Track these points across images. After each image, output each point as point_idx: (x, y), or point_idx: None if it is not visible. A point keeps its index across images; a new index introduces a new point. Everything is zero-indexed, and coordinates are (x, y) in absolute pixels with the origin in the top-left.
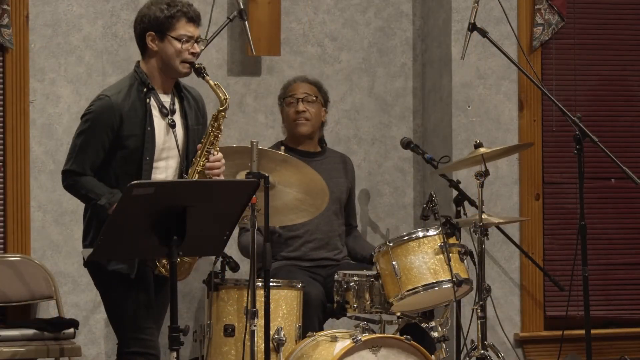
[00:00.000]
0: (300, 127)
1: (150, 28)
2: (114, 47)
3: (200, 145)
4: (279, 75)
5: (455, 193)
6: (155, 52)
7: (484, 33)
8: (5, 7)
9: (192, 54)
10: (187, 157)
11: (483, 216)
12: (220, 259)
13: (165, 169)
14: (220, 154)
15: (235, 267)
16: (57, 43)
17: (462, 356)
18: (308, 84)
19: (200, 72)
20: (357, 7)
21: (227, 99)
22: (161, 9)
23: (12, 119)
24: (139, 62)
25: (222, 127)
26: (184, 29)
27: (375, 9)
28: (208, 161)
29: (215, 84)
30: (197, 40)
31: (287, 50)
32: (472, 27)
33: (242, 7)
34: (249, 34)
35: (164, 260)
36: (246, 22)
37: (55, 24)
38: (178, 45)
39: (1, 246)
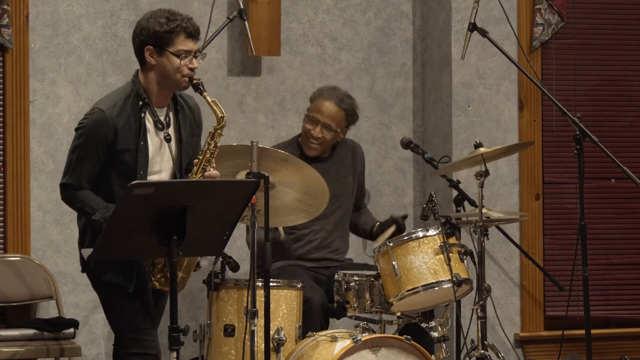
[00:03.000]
0: (309, 150)
1: (149, 42)
2: (114, 47)
3: (197, 161)
4: (279, 75)
5: (455, 193)
6: (153, 65)
7: (484, 33)
8: (5, 7)
9: (191, 69)
10: (181, 170)
11: (484, 211)
12: (220, 259)
13: None
14: (215, 172)
15: (235, 267)
16: (57, 43)
17: (462, 356)
18: (338, 109)
19: (198, 87)
20: (357, 7)
21: (224, 117)
22: (160, 22)
23: (12, 119)
24: (137, 71)
25: (218, 145)
26: (183, 44)
27: (375, 9)
28: (203, 177)
29: (212, 101)
30: (195, 55)
31: (287, 50)
32: (472, 27)
33: (242, 7)
34: (249, 34)
35: (158, 275)
36: (246, 22)
37: (55, 24)
38: (176, 61)
39: (1, 246)
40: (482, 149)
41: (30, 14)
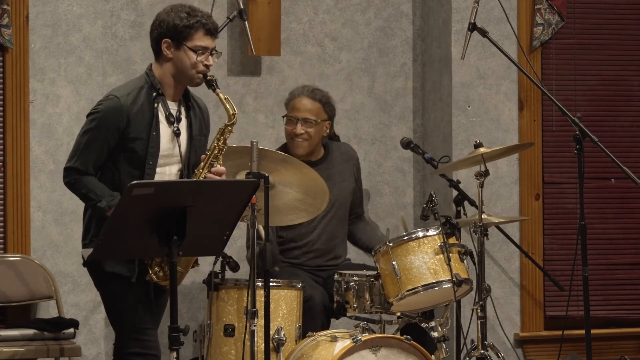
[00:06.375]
0: (297, 148)
1: (167, 35)
2: (114, 47)
3: (204, 156)
4: (279, 75)
5: (455, 193)
6: (169, 58)
7: (484, 33)
8: (5, 7)
9: (206, 66)
10: (189, 166)
11: (483, 216)
12: (220, 259)
13: (168, 175)
14: (222, 168)
15: (235, 267)
16: (57, 43)
17: (462, 356)
18: (312, 101)
19: (211, 84)
20: (357, 7)
21: (235, 114)
22: (180, 17)
23: (12, 119)
24: (151, 65)
25: (227, 142)
26: (201, 40)
27: (375, 9)
28: (210, 172)
29: (225, 98)
30: (212, 52)
31: (287, 50)
32: (472, 27)
33: (242, 7)
34: (249, 34)
35: (156, 268)
36: (246, 22)
37: (55, 24)
38: (193, 56)
39: (1, 246)
40: (482, 149)
41: (30, 14)
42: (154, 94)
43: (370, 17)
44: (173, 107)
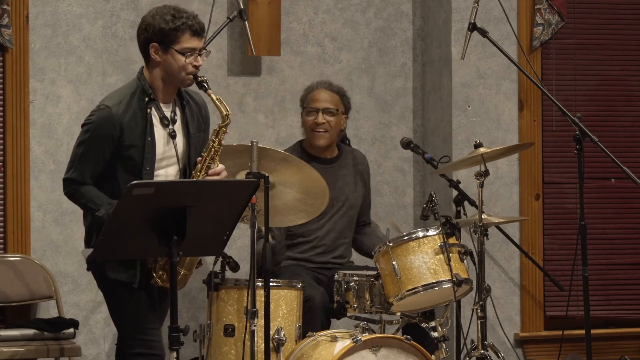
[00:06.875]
0: (318, 139)
1: (154, 39)
2: (114, 47)
3: (201, 159)
4: (279, 75)
5: (455, 193)
6: (158, 62)
7: (484, 33)
8: (5, 7)
9: (195, 66)
10: (189, 164)
11: (483, 216)
12: (220, 259)
13: (164, 177)
14: (220, 166)
15: (235, 267)
16: (57, 43)
17: (462, 356)
18: (330, 93)
19: (202, 85)
20: (357, 7)
21: (228, 114)
22: (166, 20)
23: (12, 119)
24: (142, 68)
25: (222, 143)
26: (188, 42)
27: (375, 9)
28: (207, 175)
29: (217, 99)
30: (200, 52)
31: (287, 50)
32: (472, 27)
33: (242, 7)
34: (249, 34)
35: (160, 272)
36: (246, 22)
37: (55, 24)
38: (182, 59)
39: (1, 246)
40: (482, 149)
41: (30, 14)
42: (146, 99)
43: (370, 17)
44: (166, 109)
